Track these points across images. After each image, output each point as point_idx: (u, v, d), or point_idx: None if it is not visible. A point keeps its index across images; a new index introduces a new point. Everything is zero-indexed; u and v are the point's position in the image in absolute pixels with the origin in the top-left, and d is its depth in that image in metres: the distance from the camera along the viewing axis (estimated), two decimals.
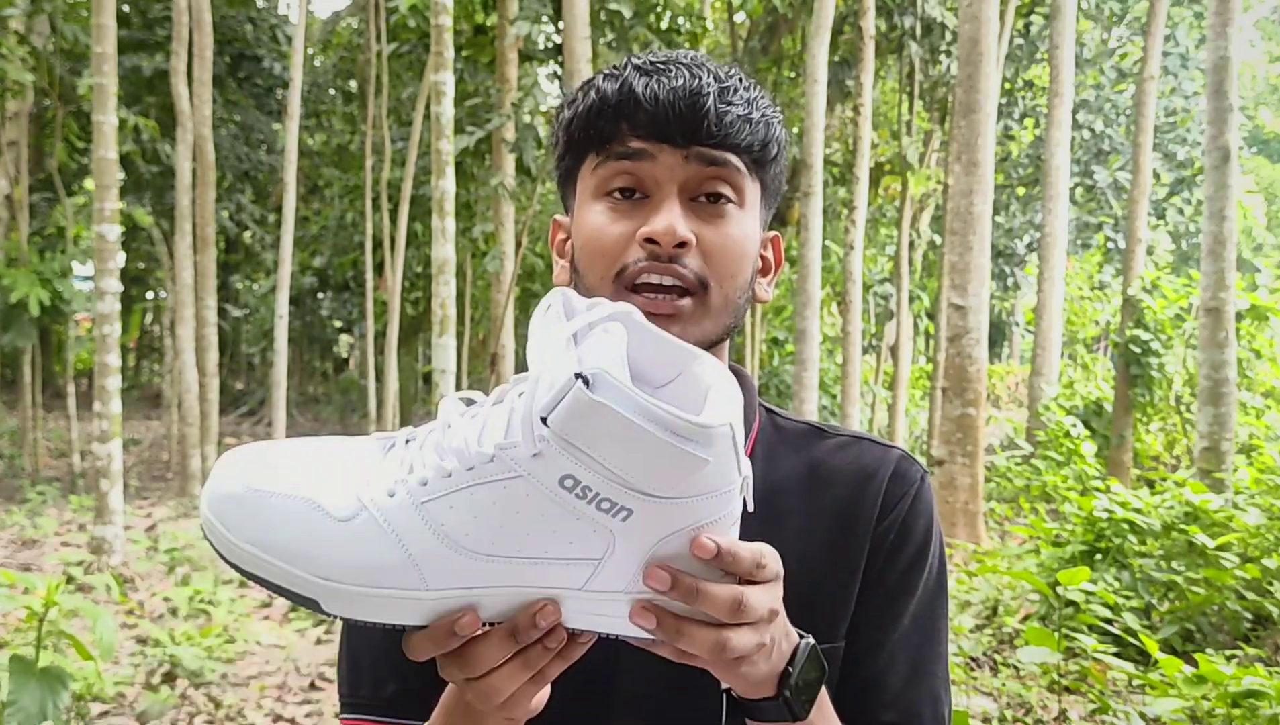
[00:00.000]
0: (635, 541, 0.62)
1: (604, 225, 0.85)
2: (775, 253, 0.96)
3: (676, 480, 0.60)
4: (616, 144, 0.84)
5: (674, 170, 0.83)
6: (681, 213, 0.83)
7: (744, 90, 0.85)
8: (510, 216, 9.99)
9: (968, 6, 7.27)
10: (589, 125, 0.85)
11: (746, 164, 0.85)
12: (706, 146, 0.83)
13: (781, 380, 13.49)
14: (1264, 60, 30.29)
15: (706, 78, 0.83)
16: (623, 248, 0.84)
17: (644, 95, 0.82)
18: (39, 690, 2.55)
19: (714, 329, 0.85)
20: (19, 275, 10.47)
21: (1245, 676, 3.28)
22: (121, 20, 12.37)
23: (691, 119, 0.82)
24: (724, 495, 0.63)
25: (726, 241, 0.84)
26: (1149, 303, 9.73)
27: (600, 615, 0.64)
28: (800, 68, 11.69)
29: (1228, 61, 6.55)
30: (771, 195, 0.91)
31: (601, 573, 0.63)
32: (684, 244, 0.82)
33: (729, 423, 0.61)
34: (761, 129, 0.85)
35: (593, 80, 0.87)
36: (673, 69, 0.84)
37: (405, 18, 10.76)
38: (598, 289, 0.85)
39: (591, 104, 0.85)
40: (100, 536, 6.69)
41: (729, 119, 0.83)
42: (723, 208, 0.85)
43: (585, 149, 0.87)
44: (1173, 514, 5.29)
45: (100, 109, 6.69)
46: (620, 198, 0.85)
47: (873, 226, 15.00)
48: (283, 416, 9.15)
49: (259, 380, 20.11)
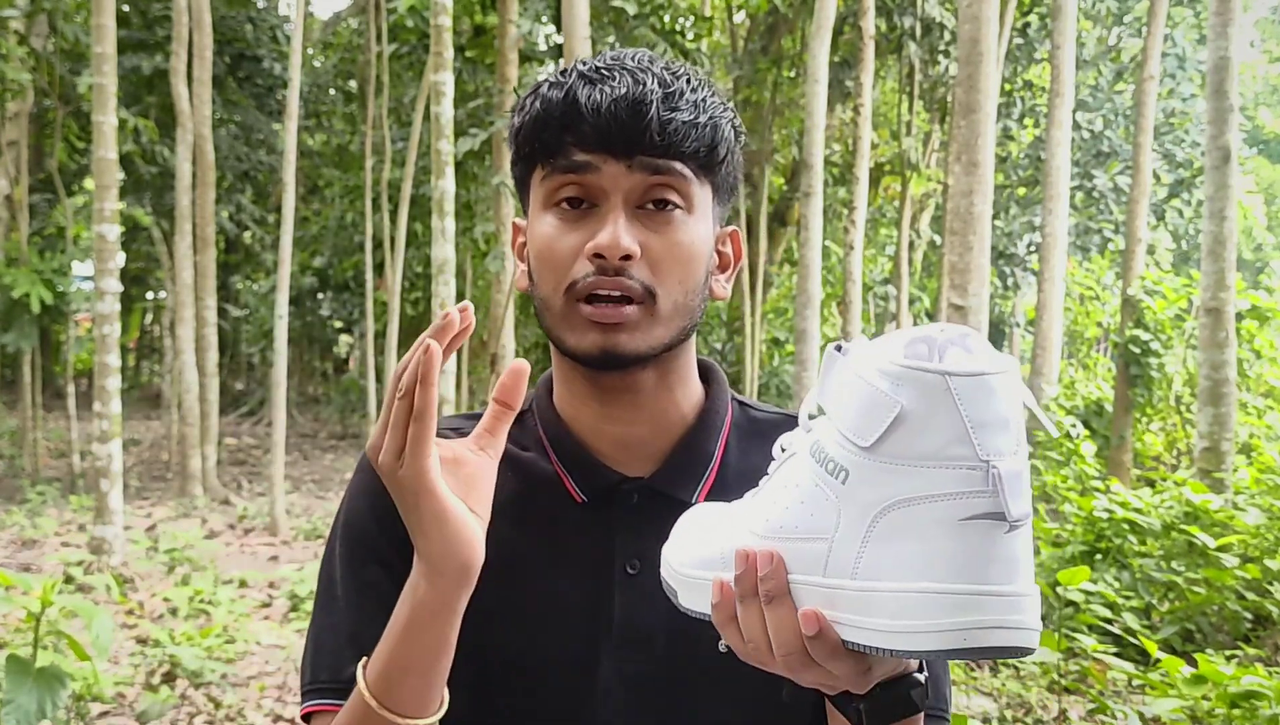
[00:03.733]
0: (854, 513, 0.60)
1: (554, 238, 0.85)
2: (734, 248, 0.95)
3: (875, 425, 0.58)
4: (562, 156, 0.84)
5: (618, 180, 0.83)
6: (627, 224, 0.82)
7: (690, 93, 0.84)
8: (511, 216, 9.98)
9: (967, 6, 7.27)
10: (534, 137, 0.85)
11: (694, 169, 0.85)
12: (650, 156, 0.82)
13: (781, 380, 13.49)
14: (1264, 60, 30.29)
15: (651, 83, 0.82)
16: (571, 261, 0.84)
17: (586, 105, 0.82)
18: (36, 690, 2.54)
19: (665, 335, 0.85)
20: (19, 275, 10.48)
21: (1245, 676, 3.27)
22: (121, 20, 12.36)
23: (634, 128, 0.81)
24: (953, 471, 0.57)
25: (674, 249, 0.84)
26: (1149, 303, 9.72)
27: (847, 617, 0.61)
28: (800, 68, 11.69)
29: (1228, 61, 6.54)
30: (725, 193, 0.90)
31: (833, 555, 0.61)
32: (629, 256, 0.82)
33: (949, 373, 0.56)
34: (708, 132, 0.84)
35: (539, 87, 0.86)
36: (617, 75, 0.83)
37: (405, 18, 10.77)
38: (551, 300, 0.85)
39: (537, 114, 0.85)
40: (100, 536, 6.69)
41: (672, 126, 0.82)
42: (670, 215, 0.84)
43: (533, 159, 0.87)
44: (1173, 514, 5.29)
45: (100, 109, 6.69)
46: (569, 208, 0.85)
47: (873, 226, 15.01)
48: (283, 416, 9.15)
49: (259, 380, 20.10)
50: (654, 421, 0.91)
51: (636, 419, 0.90)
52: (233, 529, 8.88)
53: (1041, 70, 14.97)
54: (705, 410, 0.93)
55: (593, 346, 0.84)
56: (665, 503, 0.89)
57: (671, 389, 0.91)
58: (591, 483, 0.90)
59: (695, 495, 0.90)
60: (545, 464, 0.92)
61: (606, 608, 0.88)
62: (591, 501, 0.90)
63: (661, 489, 0.90)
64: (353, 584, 0.89)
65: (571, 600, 0.88)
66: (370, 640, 0.82)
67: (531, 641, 0.87)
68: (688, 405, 0.93)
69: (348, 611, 0.88)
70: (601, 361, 0.84)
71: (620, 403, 0.89)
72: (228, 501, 10.24)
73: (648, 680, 0.86)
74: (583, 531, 0.90)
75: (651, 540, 0.88)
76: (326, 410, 19.27)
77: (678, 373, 0.91)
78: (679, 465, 0.91)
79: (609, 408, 0.90)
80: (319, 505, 10.47)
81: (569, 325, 0.85)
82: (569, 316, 0.85)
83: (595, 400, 0.90)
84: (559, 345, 0.87)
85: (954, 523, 0.57)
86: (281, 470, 8.93)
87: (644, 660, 0.86)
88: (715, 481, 0.91)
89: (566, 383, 0.92)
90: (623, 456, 0.91)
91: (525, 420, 0.94)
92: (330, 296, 17.38)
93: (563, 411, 0.93)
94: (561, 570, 0.89)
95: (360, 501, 0.92)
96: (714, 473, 0.92)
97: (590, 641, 0.87)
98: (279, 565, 7.34)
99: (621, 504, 0.90)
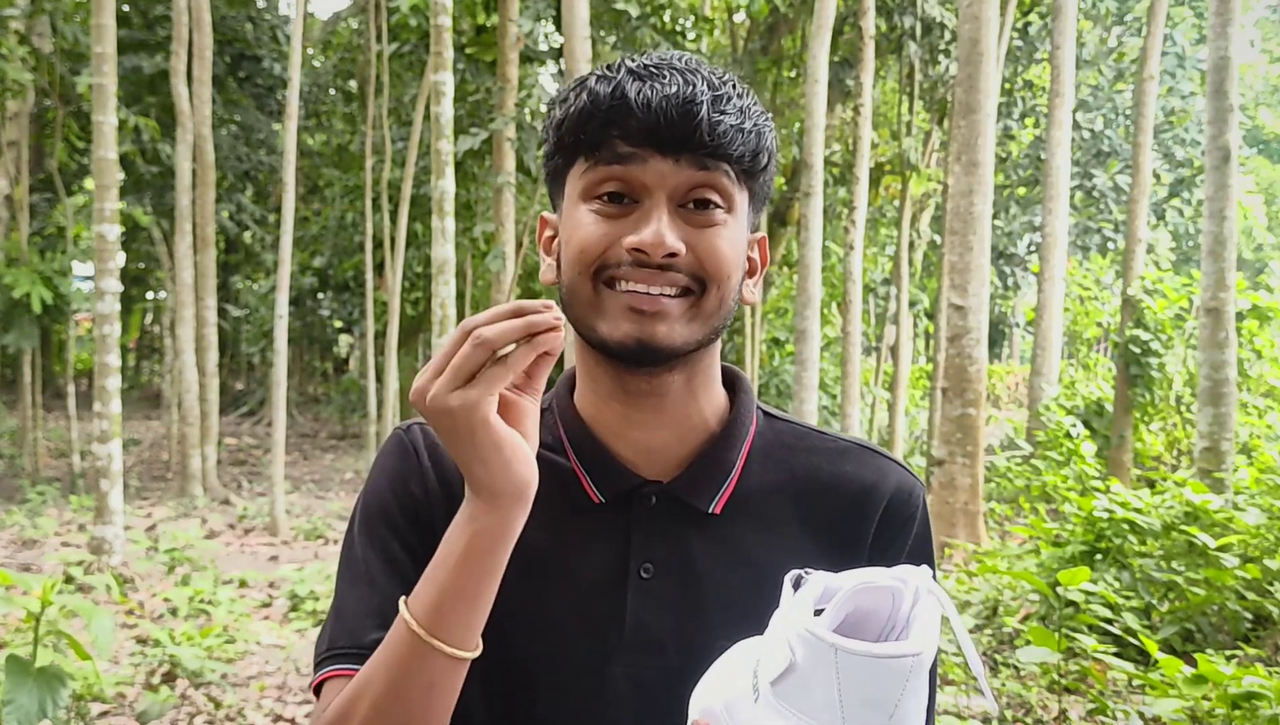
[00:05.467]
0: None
1: (588, 226, 0.84)
2: (761, 254, 0.95)
3: (776, 666, 0.67)
4: (607, 149, 0.83)
5: (664, 177, 0.82)
6: (669, 221, 0.82)
7: (737, 98, 0.84)
8: (511, 216, 9.98)
9: (968, 6, 7.27)
10: (580, 128, 0.84)
11: (737, 173, 0.85)
12: (698, 155, 0.82)
13: (781, 380, 13.49)
14: (1264, 60, 30.28)
15: (700, 85, 0.82)
16: (604, 249, 0.83)
17: (636, 101, 0.81)
18: (37, 690, 2.54)
19: (702, 331, 0.85)
20: (20, 274, 10.48)
21: (1245, 677, 3.27)
22: (121, 20, 12.37)
23: (684, 127, 0.81)
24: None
25: (716, 249, 0.84)
26: (1149, 303, 9.72)
27: None
28: (800, 68, 11.69)
29: (1228, 61, 6.54)
30: (759, 201, 0.90)
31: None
32: (673, 254, 0.82)
33: (838, 647, 0.63)
34: (753, 139, 0.84)
35: (585, 80, 0.85)
36: (667, 74, 0.82)
37: (406, 18, 10.76)
38: (577, 285, 0.85)
39: (583, 106, 0.84)
40: (100, 536, 6.69)
41: (722, 128, 0.82)
42: (712, 215, 0.84)
43: (575, 151, 0.86)
44: (1173, 514, 5.29)
45: (100, 109, 6.69)
46: (608, 202, 0.84)
47: (873, 226, 15.00)
48: (283, 417, 9.15)
49: (259, 380, 20.11)
50: (677, 426, 0.90)
51: (660, 423, 0.90)
52: (233, 529, 8.88)
53: (1041, 70, 14.97)
54: (731, 420, 0.93)
55: (627, 336, 0.82)
56: (683, 509, 0.89)
57: (696, 394, 0.90)
58: (610, 484, 0.90)
59: (713, 504, 0.89)
60: (564, 463, 0.91)
61: (619, 611, 0.87)
62: (609, 503, 0.89)
63: (680, 495, 0.89)
64: (375, 560, 0.89)
65: (586, 602, 0.88)
66: (393, 612, 0.82)
67: (545, 642, 0.87)
68: (710, 411, 0.92)
69: (369, 584, 0.88)
70: (636, 354, 0.83)
71: (645, 406, 0.89)
72: (228, 501, 10.24)
73: (658, 685, 0.85)
74: (599, 532, 0.89)
75: (666, 545, 0.88)
76: (326, 410, 19.27)
77: (703, 377, 0.90)
78: (700, 473, 0.90)
79: (632, 410, 0.89)
80: (319, 505, 10.47)
81: (600, 312, 0.84)
82: (598, 304, 0.84)
83: (619, 402, 0.89)
84: (588, 336, 0.86)
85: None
86: (281, 470, 8.92)
87: (654, 665, 0.85)
88: (734, 494, 0.90)
89: (590, 382, 0.91)
90: (643, 460, 0.90)
91: (544, 418, 0.93)
92: (330, 296, 17.38)
93: (584, 411, 0.92)
94: (577, 571, 0.88)
95: (381, 482, 0.92)
96: (733, 484, 0.91)
97: (602, 644, 0.87)
98: (279, 565, 7.34)
99: (639, 507, 0.89)
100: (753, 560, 0.88)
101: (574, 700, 0.86)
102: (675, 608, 0.85)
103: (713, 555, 0.88)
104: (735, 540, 0.89)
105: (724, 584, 0.84)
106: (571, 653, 0.87)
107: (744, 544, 0.88)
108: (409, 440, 0.93)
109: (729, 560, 0.88)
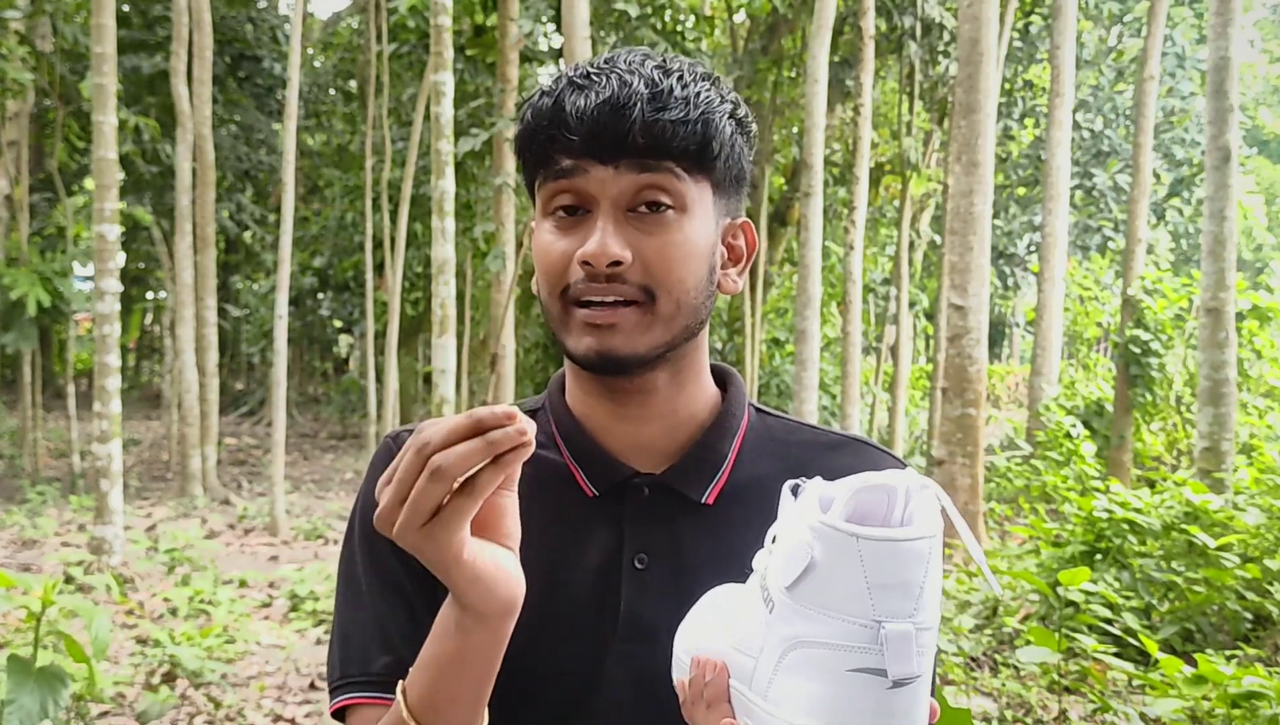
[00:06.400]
0: (774, 641, 0.67)
1: (549, 245, 0.86)
2: (748, 240, 0.94)
3: (793, 569, 0.65)
4: (552, 164, 0.84)
5: (605, 185, 0.82)
6: (615, 230, 0.82)
7: (681, 89, 0.83)
8: (511, 217, 9.98)
9: (968, 6, 7.27)
10: (527, 146, 0.86)
11: (686, 167, 0.84)
12: (637, 158, 0.82)
13: (781, 380, 13.48)
14: (1264, 60, 30.27)
15: (637, 84, 0.81)
16: (565, 266, 0.84)
17: (570, 112, 0.82)
18: (38, 690, 2.54)
19: (665, 335, 0.85)
20: (19, 275, 10.48)
21: (1245, 677, 3.28)
22: (121, 20, 12.37)
23: (617, 131, 0.81)
24: (847, 624, 0.63)
25: (668, 250, 0.83)
26: (1149, 303, 9.72)
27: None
28: (800, 68, 11.68)
29: (1228, 61, 6.54)
30: (729, 188, 0.89)
31: (757, 673, 0.68)
32: (618, 263, 0.82)
33: (859, 535, 0.62)
34: (699, 129, 0.83)
35: (534, 96, 0.87)
36: (603, 79, 0.82)
37: (405, 18, 10.76)
38: (548, 304, 0.87)
39: (528, 123, 0.85)
40: (100, 536, 6.69)
41: (659, 127, 0.81)
42: (663, 216, 0.84)
43: (531, 167, 0.87)
44: (1173, 514, 5.29)
45: (100, 109, 6.69)
46: (564, 215, 0.85)
47: (873, 226, 15.00)
48: (283, 416, 9.15)
49: (259, 380, 20.11)
50: (666, 420, 0.91)
51: (649, 418, 0.91)
52: (233, 529, 8.89)
53: (1041, 70, 14.97)
54: (722, 412, 0.94)
55: (588, 350, 0.84)
56: (676, 499, 0.90)
57: (684, 387, 0.91)
58: (603, 477, 0.91)
59: (706, 494, 0.90)
60: (556, 458, 0.92)
61: (613, 602, 0.88)
62: (602, 495, 0.90)
63: (673, 485, 0.90)
64: (375, 579, 0.89)
65: (580, 595, 0.88)
66: (397, 634, 0.84)
67: (541, 636, 0.87)
68: (700, 404, 0.93)
69: (372, 606, 0.88)
70: (599, 365, 0.85)
71: (632, 402, 0.90)
72: (228, 501, 10.24)
73: (653, 676, 0.85)
74: (592, 525, 0.90)
75: (660, 536, 0.89)
76: (326, 410, 19.27)
77: (690, 371, 0.91)
78: (692, 464, 0.91)
79: (620, 407, 0.90)
80: (319, 505, 10.47)
81: (566, 329, 0.86)
82: (566, 321, 0.86)
83: (607, 399, 0.91)
84: (563, 349, 0.88)
85: (841, 671, 0.63)
86: (281, 470, 8.92)
87: (649, 656, 0.85)
88: (726, 484, 0.91)
89: (578, 382, 0.93)
90: (635, 454, 0.91)
91: (538, 416, 0.95)
92: (330, 296, 17.39)
93: (575, 408, 0.94)
94: (571, 564, 0.89)
95: (374, 493, 0.92)
96: (725, 475, 0.92)
97: (597, 636, 0.87)
98: (279, 565, 7.34)
99: (632, 498, 0.90)
100: (746, 550, 0.89)
101: (570, 690, 0.87)
102: (669, 598, 0.85)
103: (706, 545, 0.89)
104: (729, 530, 0.89)
105: (717, 574, 0.84)
106: (569, 647, 0.87)
107: (737, 534, 0.88)
108: (398, 448, 0.92)
109: (723, 550, 0.88)
